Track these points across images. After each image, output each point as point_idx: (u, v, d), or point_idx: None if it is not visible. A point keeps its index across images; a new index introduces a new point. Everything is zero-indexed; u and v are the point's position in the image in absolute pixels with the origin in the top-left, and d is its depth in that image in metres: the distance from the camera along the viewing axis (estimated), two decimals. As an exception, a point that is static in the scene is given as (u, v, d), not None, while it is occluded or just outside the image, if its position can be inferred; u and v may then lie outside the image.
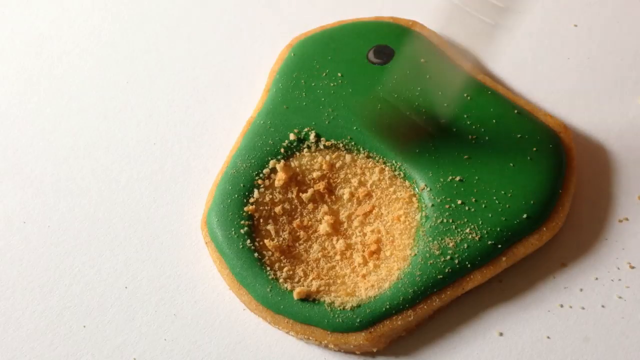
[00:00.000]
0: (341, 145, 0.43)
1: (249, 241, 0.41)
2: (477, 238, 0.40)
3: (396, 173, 0.43)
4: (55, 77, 0.49)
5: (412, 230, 0.41)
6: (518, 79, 0.47)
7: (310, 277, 0.40)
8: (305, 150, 0.43)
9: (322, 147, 0.44)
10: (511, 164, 0.42)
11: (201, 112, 0.47)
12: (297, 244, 0.42)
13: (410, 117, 0.43)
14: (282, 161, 0.43)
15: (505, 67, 0.48)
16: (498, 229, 0.40)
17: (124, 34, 0.50)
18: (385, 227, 0.42)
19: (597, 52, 0.48)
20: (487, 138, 0.43)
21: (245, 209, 0.42)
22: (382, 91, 0.43)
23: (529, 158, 0.42)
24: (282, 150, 0.43)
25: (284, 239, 0.41)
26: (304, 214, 0.42)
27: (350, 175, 0.43)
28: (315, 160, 0.43)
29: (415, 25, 0.47)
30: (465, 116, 0.43)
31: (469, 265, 0.40)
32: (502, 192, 0.41)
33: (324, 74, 0.45)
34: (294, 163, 0.43)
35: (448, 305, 0.41)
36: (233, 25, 0.50)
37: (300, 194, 0.42)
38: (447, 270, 0.40)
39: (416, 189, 0.42)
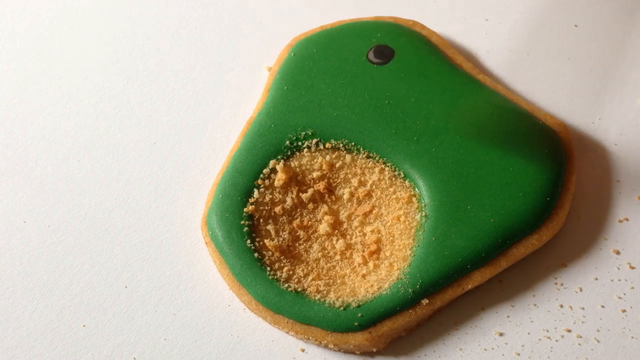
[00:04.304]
0: (341, 145, 0.43)
1: (249, 241, 0.41)
2: (476, 238, 0.40)
3: (396, 173, 0.43)
4: (55, 77, 0.49)
5: (412, 230, 0.41)
6: (518, 79, 0.47)
7: (310, 277, 0.40)
8: (305, 150, 0.43)
9: (322, 147, 0.44)
10: (511, 164, 0.42)
11: (201, 112, 0.47)
12: (297, 244, 0.42)
13: None
14: (282, 161, 0.43)
15: (506, 68, 0.48)
16: (498, 229, 0.40)
17: (124, 33, 0.50)
18: (385, 227, 0.42)
19: (597, 52, 0.48)
20: (487, 138, 0.43)
21: (245, 209, 0.42)
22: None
23: (529, 158, 0.42)
24: (282, 150, 0.43)
25: (284, 239, 0.41)
26: (304, 214, 0.42)
27: (350, 175, 0.43)
28: (315, 160, 0.43)
29: (415, 25, 0.47)
30: (465, 116, 0.43)
31: (468, 266, 0.40)
32: (502, 192, 0.41)
33: (324, 74, 0.45)
34: (294, 163, 0.43)
35: (448, 305, 0.41)
36: (233, 25, 0.50)
37: (300, 194, 0.42)
38: (447, 270, 0.40)
39: (416, 189, 0.42)
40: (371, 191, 0.42)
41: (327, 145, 0.43)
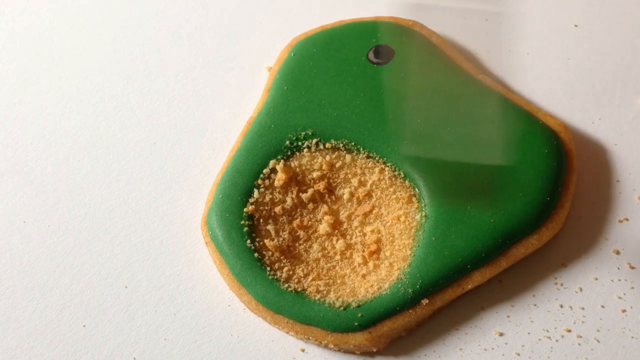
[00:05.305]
0: (341, 145, 0.43)
1: (249, 241, 0.41)
2: (476, 238, 0.40)
3: (396, 173, 0.43)
4: (55, 77, 0.49)
5: (412, 230, 0.41)
6: (518, 79, 0.47)
7: (310, 277, 0.40)
8: (305, 150, 0.43)
9: (322, 147, 0.44)
10: (511, 164, 0.42)
11: (201, 112, 0.47)
12: (297, 244, 0.42)
13: None
14: (282, 161, 0.43)
15: (506, 67, 0.48)
16: (498, 229, 0.40)
17: (124, 33, 0.50)
18: (385, 227, 0.42)
19: (597, 52, 0.48)
20: (487, 138, 0.43)
21: (245, 209, 0.42)
22: None
23: (528, 158, 0.42)
24: (282, 150, 0.43)
25: (284, 239, 0.41)
26: (304, 214, 0.42)
27: (350, 175, 0.43)
28: (315, 160, 0.43)
29: (415, 25, 0.47)
30: (464, 116, 0.43)
31: (468, 266, 0.40)
32: (502, 192, 0.41)
33: (324, 74, 0.45)
34: (294, 163, 0.43)
35: (448, 305, 0.41)
36: (233, 25, 0.50)
37: (300, 194, 0.42)
38: (447, 270, 0.40)
39: (416, 189, 0.42)
40: (371, 191, 0.42)
41: (327, 145, 0.43)
